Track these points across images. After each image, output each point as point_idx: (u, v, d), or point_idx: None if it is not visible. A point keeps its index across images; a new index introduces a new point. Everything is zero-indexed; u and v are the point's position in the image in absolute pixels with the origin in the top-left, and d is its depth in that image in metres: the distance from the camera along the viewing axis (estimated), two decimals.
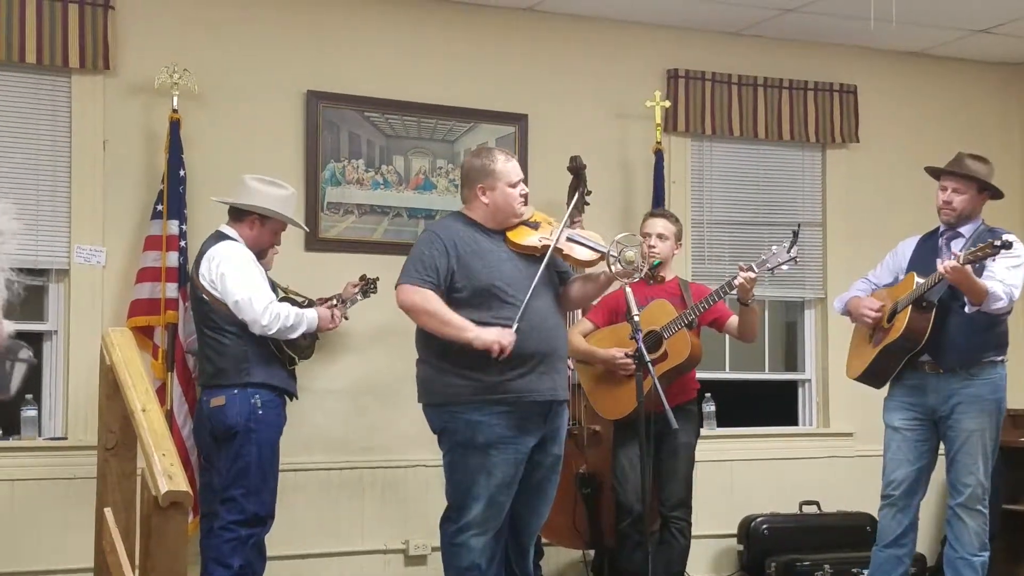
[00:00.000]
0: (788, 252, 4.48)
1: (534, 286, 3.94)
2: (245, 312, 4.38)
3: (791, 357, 6.64)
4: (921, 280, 4.45)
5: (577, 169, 5.49)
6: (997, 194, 4.64)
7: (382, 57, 5.65)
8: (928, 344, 4.45)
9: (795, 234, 4.51)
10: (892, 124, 6.55)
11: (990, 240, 4.20)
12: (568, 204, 5.49)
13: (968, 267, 4.20)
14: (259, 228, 4.60)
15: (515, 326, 3.86)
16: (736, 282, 4.49)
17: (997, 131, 6.81)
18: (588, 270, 4.21)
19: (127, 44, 5.18)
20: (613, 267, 3.97)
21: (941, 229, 4.64)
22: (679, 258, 5.99)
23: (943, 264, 4.24)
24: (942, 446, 4.61)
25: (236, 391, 4.42)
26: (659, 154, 5.93)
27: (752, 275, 4.47)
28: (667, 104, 5.97)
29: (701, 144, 6.24)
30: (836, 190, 6.47)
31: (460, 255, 3.98)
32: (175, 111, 5.09)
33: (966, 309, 4.37)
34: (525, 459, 4.01)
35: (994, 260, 4.25)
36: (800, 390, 6.54)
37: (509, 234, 4.07)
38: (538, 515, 4.17)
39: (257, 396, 4.42)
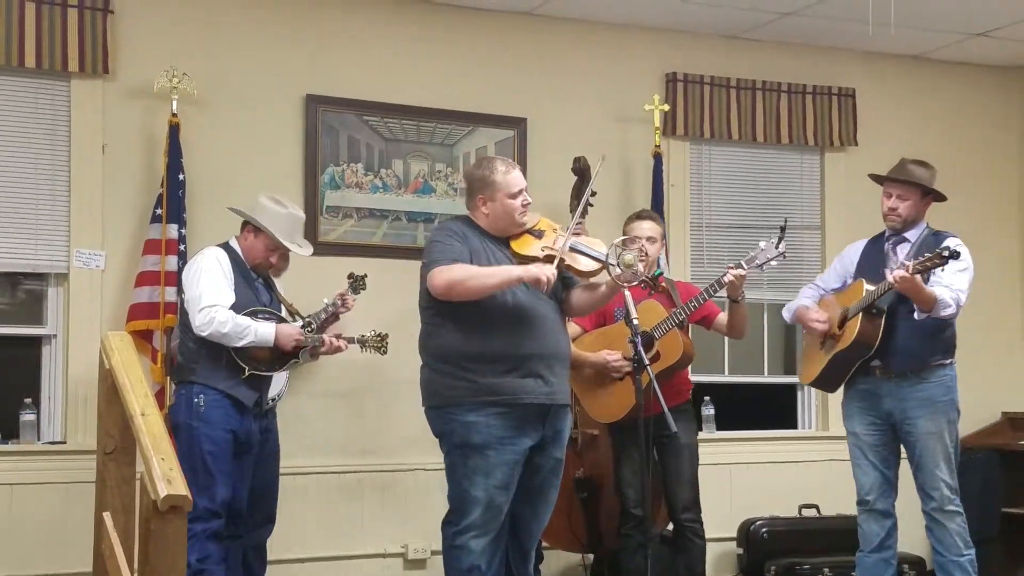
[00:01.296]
0: (776, 248, 4.49)
1: (562, 249, 3.96)
2: (188, 311, 4.50)
3: (790, 360, 6.63)
4: (870, 287, 4.49)
5: (582, 170, 5.50)
6: (940, 197, 4.68)
7: (381, 61, 5.65)
8: (878, 349, 4.50)
9: (782, 229, 4.52)
10: (890, 127, 6.55)
11: (937, 251, 4.25)
12: (571, 207, 5.51)
13: (918, 276, 4.25)
14: (251, 239, 4.64)
15: (556, 261, 3.89)
16: (725, 280, 4.50)
17: (995, 134, 6.82)
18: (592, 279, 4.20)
19: (126, 48, 5.18)
20: (613, 272, 3.96)
21: (887, 234, 4.70)
22: (679, 261, 6.02)
23: (892, 274, 4.29)
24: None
25: (183, 389, 4.53)
26: (658, 157, 5.94)
27: (741, 272, 4.48)
28: (666, 108, 5.98)
29: (700, 147, 6.25)
30: (834, 193, 6.48)
31: (472, 250, 4.00)
32: (174, 115, 5.10)
33: (915, 315, 4.42)
34: (523, 461, 4.02)
35: (942, 269, 4.28)
36: (799, 393, 6.54)
37: (512, 243, 4.08)
38: (539, 519, 4.18)
39: (202, 395, 4.47)
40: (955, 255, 4.20)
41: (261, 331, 4.51)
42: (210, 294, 4.45)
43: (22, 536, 4.93)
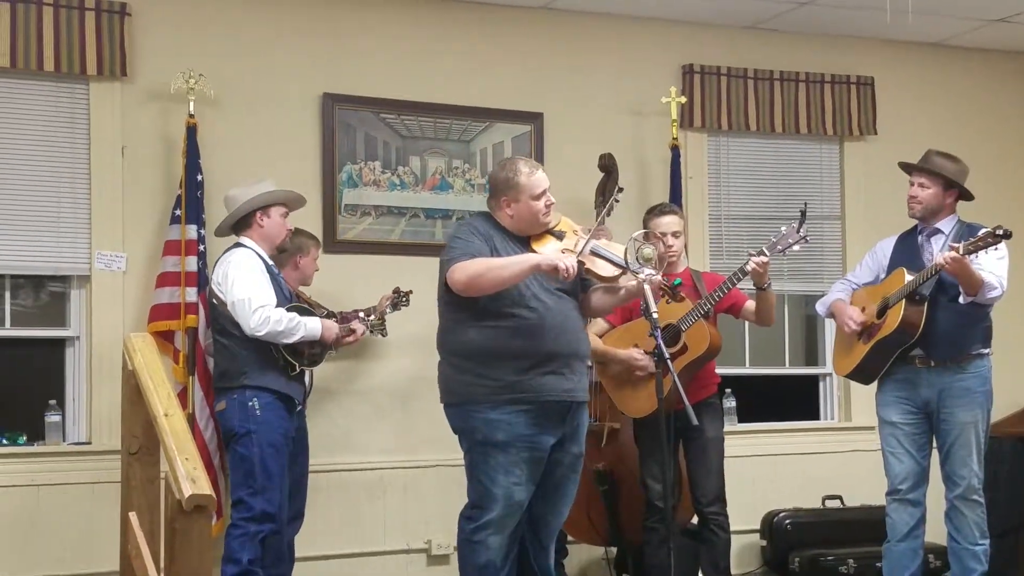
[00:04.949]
0: (797, 232, 4.47)
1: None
2: (238, 314, 4.46)
3: (811, 351, 6.62)
4: (912, 275, 4.51)
5: (608, 167, 5.51)
6: (966, 194, 4.70)
7: (397, 58, 5.66)
8: (920, 338, 4.52)
9: (802, 214, 4.49)
10: (910, 115, 6.52)
11: (990, 230, 4.26)
12: (596, 203, 5.51)
13: (966, 258, 4.28)
14: (268, 220, 4.66)
15: (586, 240, 3.94)
16: (748, 268, 4.48)
17: (1015, 120, 6.78)
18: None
19: (143, 50, 5.21)
20: (635, 277, 3.95)
21: (920, 227, 4.72)
22: (698, 254, 6.01)
23: (943, 255, 4.30)
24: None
25: (235, 395, 4.50)
26: (675, 150, 5.93)
27: (764, 259, 4.46)
28: (683, 100, 5.97)
29: (718, 139, 6.23)
30: (854, 183, 6.45)
31: (493, 248, 4.00)
32: (192, 116, 5.12)
33: (960, 300, 4.44)
34: (544, 458, 4.02)
35: (986, 252, 4.28)
36: (821, 384, 6.52)
37: (533, 243, 4.08)
38: (558, 513, 4.18)
39: (255, 399, 4.47)
40: (1008, 234, 4.22)
41: (310, 325, 4.54)
42: (259, 294, 4.45)
43: (49, 537, 4.97)
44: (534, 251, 4.05)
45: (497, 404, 3.94)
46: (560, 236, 4.09)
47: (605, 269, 4.04)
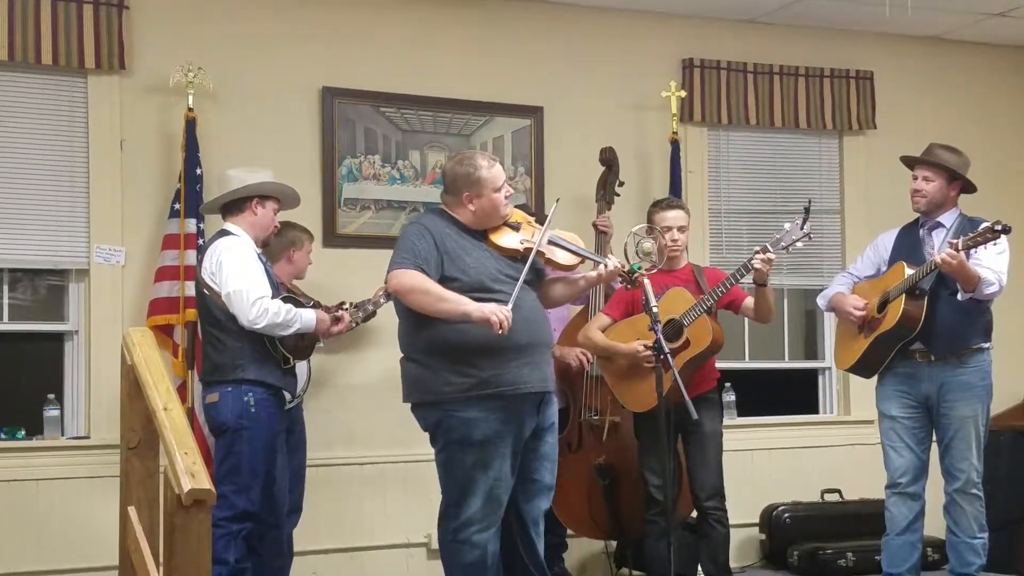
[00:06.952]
0: (801, 229, 4.47)
1: (521, 282, 3.91)
2: (235, 305, 4.35)
3: (811, 345, 6.62)
4: (912, 269, 4.52)
5: (609, 161, 5.52)
6: (969, 186, 4.71)
7: (396, 52, 5.65)
8: (920, 332, 4.53)
9: (806, 210, 4.50)
10: (909, 109, 6.52)
11: (988, 225, 4.27)
12: (597, 197, 5.51)
13: (962, 254, 4.29)
14: (262, 210, 4.54)
15: (511, 304, 3.82)
16: (755, 265, 4.48)
17: (1014, 114, 6.78)
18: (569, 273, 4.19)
19: (142, 44, 5.20)
20: (599, 268, 3.97)
21: (922, 220, 4.73)
22: (698, 247, 6.00)
23: (941, 255, 4.31)
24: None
25: (230, 388, 4.40)
26: (675, 144, 5.93)
27: (770, 256, 4.46)
28: (683, 94, 5.96)
29: (717, 133, 6.23)
30: (854, 177, 6.45)
31: (449, 251, 3.96)
32: (191, 110, 5.11)
33: (958, 296, 4.45)
34: (520, 452, 4.00)
35: (985, 248, 4.28)
36: (820, 378, 6.53)
37: (491, 235, 4.05)
38: (536, 504, 4.12)
39: (250, 394, 4.38)
40: (1007, 229, 4.22)
41: (306, 316, 4.46)
42: (254, 286, 4.35)
43: (48, 531, 4.97)
44: (492, 243, 4.04)
45: (475, 401, 3.89)
46: (516, 227, 4.07)
47: (564, 258, 4.07)
